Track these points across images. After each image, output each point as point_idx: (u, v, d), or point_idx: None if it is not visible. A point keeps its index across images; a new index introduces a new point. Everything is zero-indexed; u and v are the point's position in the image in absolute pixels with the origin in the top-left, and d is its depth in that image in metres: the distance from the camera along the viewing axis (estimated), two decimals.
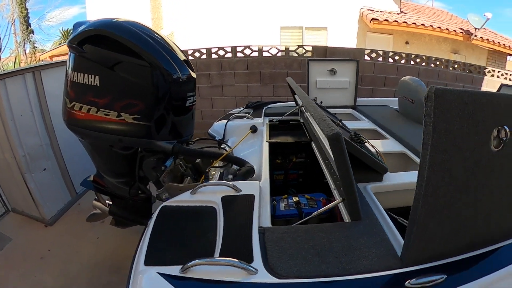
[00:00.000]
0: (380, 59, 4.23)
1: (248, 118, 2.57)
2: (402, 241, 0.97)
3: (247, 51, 4.54)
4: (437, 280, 0.83)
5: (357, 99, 2.98)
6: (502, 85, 2.93)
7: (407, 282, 0.82)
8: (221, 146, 2.22)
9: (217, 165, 1.83)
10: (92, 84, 1.35)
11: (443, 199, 0.84)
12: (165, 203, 1.17)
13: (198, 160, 2.11)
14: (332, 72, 2.86)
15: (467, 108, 0.76)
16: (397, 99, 3.02)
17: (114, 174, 1.71)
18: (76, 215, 2.73)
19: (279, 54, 4.61)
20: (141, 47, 1.34)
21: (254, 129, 2.35)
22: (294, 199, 1.54)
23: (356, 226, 1.05)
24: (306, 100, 1.53)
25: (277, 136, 2.27)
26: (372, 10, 7.12)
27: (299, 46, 4.56)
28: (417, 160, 1.70)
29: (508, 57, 8.15)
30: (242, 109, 2.94)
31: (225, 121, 2.53)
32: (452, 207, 0.86)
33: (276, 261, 0.88)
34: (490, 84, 4.29)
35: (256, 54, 4.57)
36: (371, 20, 6.70)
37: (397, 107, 2.80)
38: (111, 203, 1.86)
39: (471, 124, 0.79)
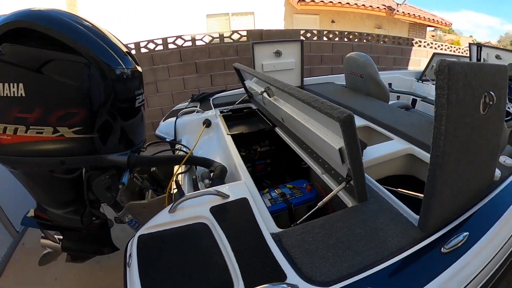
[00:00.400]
0: (315, 38, 4.33)
1: (198, 112, 2.36)
2: (410, 212, 0.99)
3: (179, 42, 4.18)
4: (464, 238, 0.88)
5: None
6: (434, 54, 3.25)
7: (442, 248, 0.84)
8: (177, 148, 1.98)
9: (181, 170, 1.60)
10: (16, 95, 1.00)
11: (453, 164, 0.87)
12: (140, 232, 0.92)
13: (153, 168, 1.84)
14: (278, 54, 2.79)
15: (467, 78, 0.80)
16: (339, 75, 3.11)
17: (60, 204, 1.35)
18: (24, 258, 2.27)
19: (213, 42, 4.37)
20: (74, 39, 1.02)
21: (208, 123, 2.16)
22: (277, 192, 1.43)
23: (366, 207, 1.01)
24: (278, 83, 1.39)
25: (235, 127, 2.12)
26: None
27: (233, 32, 4.38)
28: (382, 131, 1.75)
29: (428, 28, 9.34)
30: (187, 103, 2.70)
31: (173, 119, 2.27)
32: (457, 170, 0.91)
33: (310, 268, 0.77)
34: (417, 54, 4.78)
35: (189, 44, 4.26)
36: (298, 1, 6.83)
37: (343, 83, 2.89)
38: (61, 237, 1.49)
39: (470, 93, 0.83)
